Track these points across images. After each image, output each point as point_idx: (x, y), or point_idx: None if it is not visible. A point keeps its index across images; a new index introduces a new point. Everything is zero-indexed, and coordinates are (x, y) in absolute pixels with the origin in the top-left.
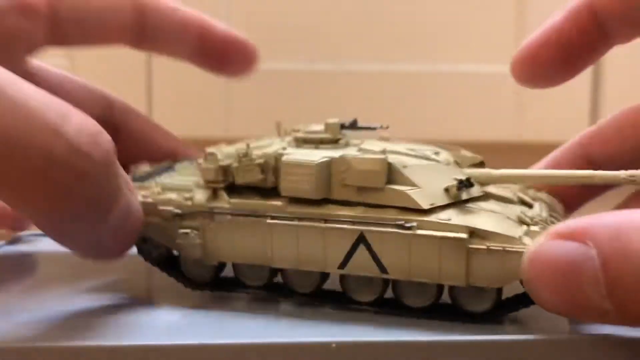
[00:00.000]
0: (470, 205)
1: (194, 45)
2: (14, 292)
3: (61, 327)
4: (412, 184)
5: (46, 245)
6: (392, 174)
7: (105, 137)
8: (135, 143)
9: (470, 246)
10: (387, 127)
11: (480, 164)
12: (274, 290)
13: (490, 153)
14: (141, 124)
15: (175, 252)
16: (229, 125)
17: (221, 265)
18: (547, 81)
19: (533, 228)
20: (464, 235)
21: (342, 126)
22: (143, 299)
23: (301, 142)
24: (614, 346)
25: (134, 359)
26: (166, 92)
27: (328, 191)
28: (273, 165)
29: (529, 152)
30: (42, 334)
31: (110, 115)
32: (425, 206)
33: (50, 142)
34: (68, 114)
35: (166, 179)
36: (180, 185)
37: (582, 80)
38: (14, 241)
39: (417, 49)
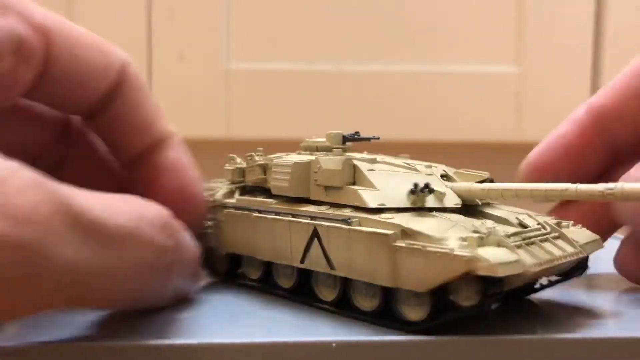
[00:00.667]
0: (434, 212)
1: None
2: None
3: (61, 327)
4: (372, 186)
5: None
6: (356, 175)
7: (175, 225)
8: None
9: (394, 244)
10: (377, 138)
11: (487, 181)
12: (268, 283)
13: (490, 153)
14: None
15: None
16: (229, 125)
17: (237, 258)
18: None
19: (475, 235)
20: (389, 232)
21: (345, 137)
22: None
23: (302, 150)
24: (615, 346)
25: (135, 358)
26: (166, 92)
27: (307, 191)
28: (270, 167)
29: (529, 152)
30: (42, 333)
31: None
32: (373, 205)
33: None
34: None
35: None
36: (215, 185)
37: (582, 80)
38: None
39: (418, 49)
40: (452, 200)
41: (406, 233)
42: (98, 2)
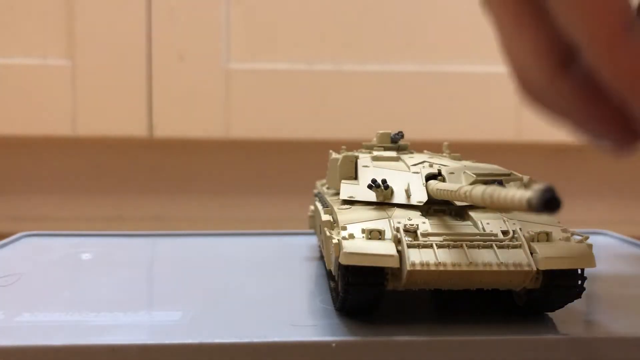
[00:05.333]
0: (393, 208)
1: None
2: (15, 292)
3: (61, 326)
4: (357, 180)
5: (47, 246)
6: (356, 170)
7: None
8: None
9: (325, 230)
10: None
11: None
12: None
13: (490, 153)
14: None
15: None
16: (229, 125)
17: None
18: None
19: (371, 228)
20: (325, 219)
21: (392, 137)
22: (143, 299)
23: (363, 149)
24: (615, 346)
25: (134, 358)
26: (166, 92)
27: (339, 184)
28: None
29: (529, 152)
30: (42, 333)
31: None
32: (343, 197)
33: None
34: None
35: None
36: None
37: None
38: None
39: (417, 49)
40: (418, 198)
41: (332, 222)
42: (98, 2)
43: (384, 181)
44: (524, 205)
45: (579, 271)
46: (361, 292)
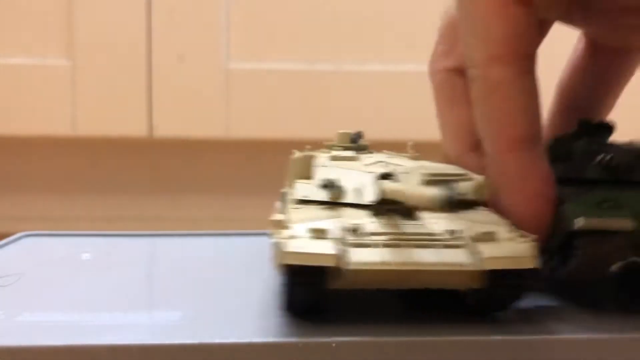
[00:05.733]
0: (343, 207)
1: None
2: (15, 292)
3: (61, 326)
4: (312, 179)
5: (47, 246)
6: (313, 169)
7: None
8: None
9: (270, 230)
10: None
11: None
12: None
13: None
14: None
15: None
16: (229, 125)
17: None
18: None
19: (315, 226)
20: (275, 218)
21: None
22: (143, 299)
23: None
24: (615, 346)
25: (134, 358)
26: (166, 93)
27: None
28: None
29: None
30: (42, 333)
31: None
32: (297, 197)
33: None
34: None
35: None
36: None
37: None
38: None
39: (417, 49)
40: (369, 197)
41: (280, 221)
42: (98, 2)
43: (335, 181)
44: (429, 203)
45: (525, 270)
46: (301, 292)
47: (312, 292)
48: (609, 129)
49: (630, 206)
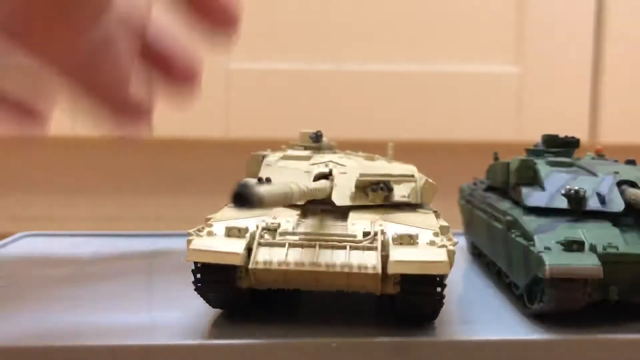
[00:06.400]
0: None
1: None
2: (15, 292)
3: (62, 327)
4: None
5: (47, 246)
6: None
7: None
8: None
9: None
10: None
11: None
12: None
13: (490, 153)
14: None
15: None
16: (229, 125)
17: None
18: None
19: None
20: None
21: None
22: (143, 299)
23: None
24: (614, 346)
25: (134, 358)
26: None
27: None
28: None
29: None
30: (43, 334)
31: None
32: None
33: None
34: None
35: None
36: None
37: (582, 80)
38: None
39: (417, 49)
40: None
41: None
42: None
43: (268, 179)
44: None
45: (438, 278)
46: (212, 290)
47: (221, 289)
48: (574, 144)
49: (594, 243)
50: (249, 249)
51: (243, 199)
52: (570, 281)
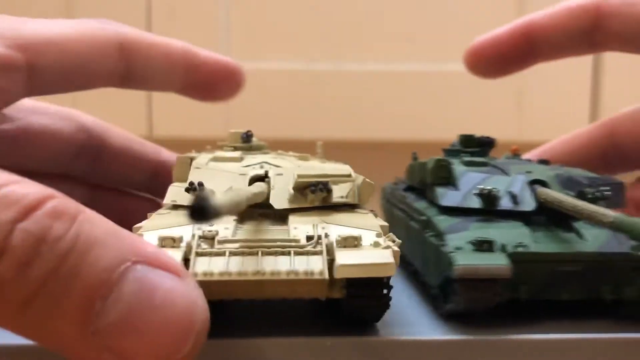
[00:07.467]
0: None
1: (181, 79)
2: None
3: None
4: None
5: None
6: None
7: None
8: (121, 158)
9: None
10: None
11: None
12: None
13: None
14: (122, 140)
15: None
16: (229, 125)
17: None
18: (484, 73)
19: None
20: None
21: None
22: None
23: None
24: (614, 346)
25: None
26: (166, 93)
27: None
28: None
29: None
30: None
31: (88, 138)
32: (166, 201)
33: None
34: None
35: None
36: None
37: (582, 80)
38: None
39: (417, 49)
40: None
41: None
42: (98, 2)
43: (200, 184)
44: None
45: (384, 280)
46: None
47: None
48: (489, 144)
49: (503, 243)
50: (185, 260)
51: (200, 212)
52: (479, 281)
